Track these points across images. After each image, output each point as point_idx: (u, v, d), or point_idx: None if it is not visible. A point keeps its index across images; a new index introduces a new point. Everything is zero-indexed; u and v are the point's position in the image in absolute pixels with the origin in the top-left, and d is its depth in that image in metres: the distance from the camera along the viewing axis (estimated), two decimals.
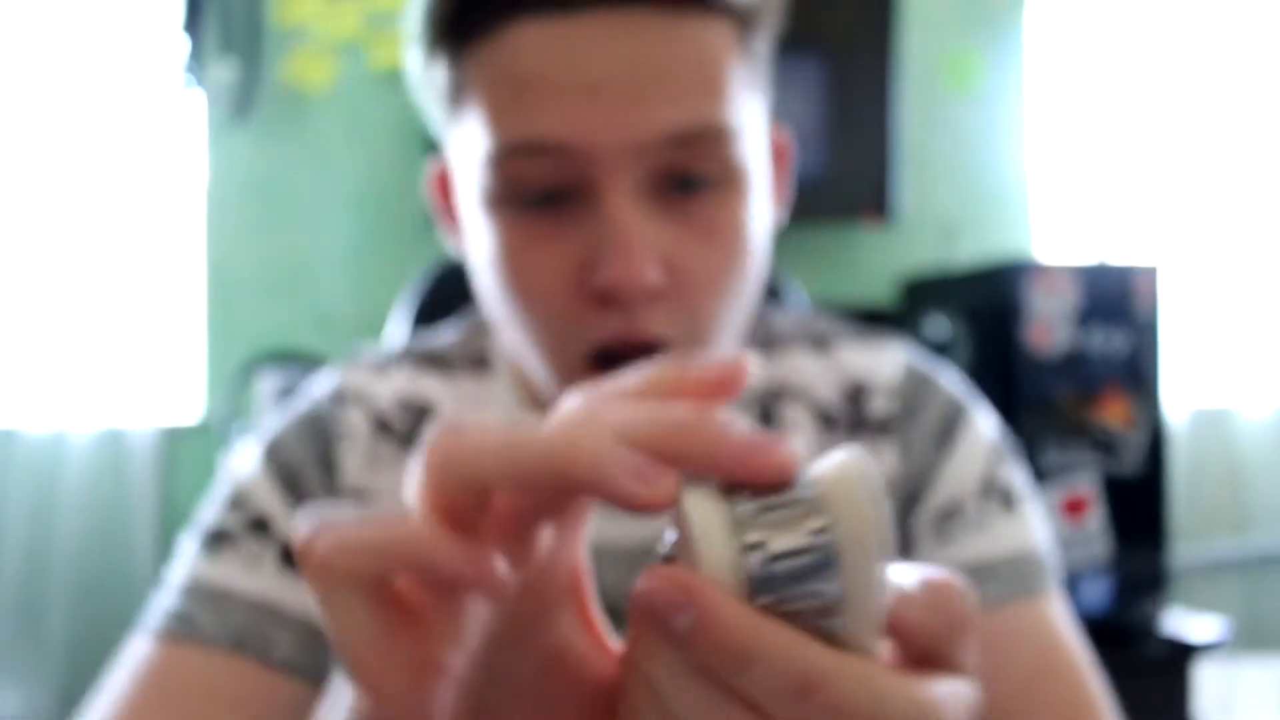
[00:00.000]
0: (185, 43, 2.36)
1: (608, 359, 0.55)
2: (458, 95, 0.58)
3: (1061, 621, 0.66)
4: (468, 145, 0.58)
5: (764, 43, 0.60)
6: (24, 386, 2.47)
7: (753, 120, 0.58)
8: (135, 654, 0.61)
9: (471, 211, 0.59)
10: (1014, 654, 0.64)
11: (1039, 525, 0.69)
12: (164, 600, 0.63)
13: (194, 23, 2.36)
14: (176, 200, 2.51)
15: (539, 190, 0.55)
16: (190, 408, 2.51)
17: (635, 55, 0.53)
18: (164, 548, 2.49)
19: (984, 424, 0.70)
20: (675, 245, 0.55)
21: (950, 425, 0.68)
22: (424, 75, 0.61)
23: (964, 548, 0.66)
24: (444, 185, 0.66)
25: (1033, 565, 0.67)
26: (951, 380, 0.71)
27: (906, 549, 0.67)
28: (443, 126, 0.62)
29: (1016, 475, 0.70)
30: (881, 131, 2.45)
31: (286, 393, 1.91)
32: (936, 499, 0.67)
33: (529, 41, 0.54)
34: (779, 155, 0.66)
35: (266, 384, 1.99)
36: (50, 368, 2.48)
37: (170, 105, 2.36)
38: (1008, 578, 0.65)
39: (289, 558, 0.63)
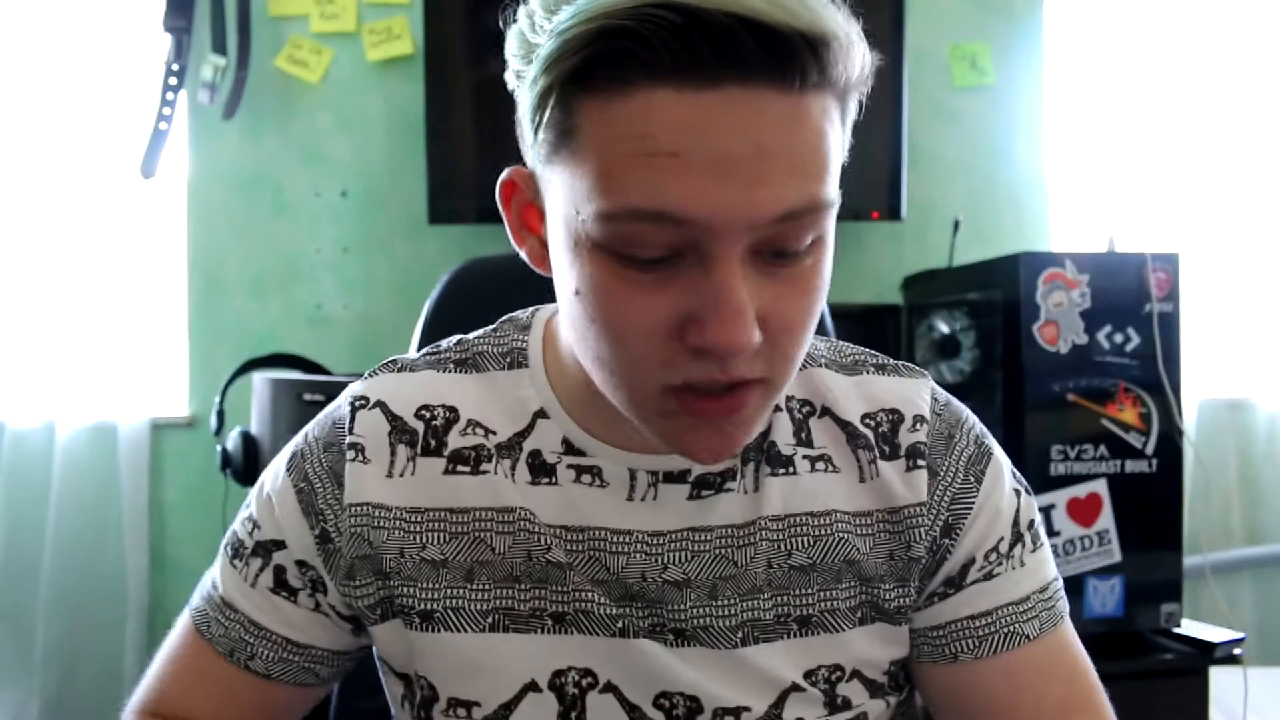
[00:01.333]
0: (176, 34, 2.33)
1: (690, 387, 0.61)
2: (567, 135, 0.59)
3: (1077, 644, 0.76)
4: (574, 186, 0.59)
5: (856, 106, 0.64)
6: (13, 379, 2.45)
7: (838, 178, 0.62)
8: (182, 627, 0.80)
9: (568, 244, 0.61)
10: (1049, 684, 0.74)
11: (1049, 550, 0.78)
12: (206, 583, 0.80)
13: (185, 14, 2.33)
14: (166, 193, 2.48)
15: (652, 250, 0.58)
16: (180, 401, 2.49)
17: (762, 136, 0.56)
18: (153, 541, 2.46)
19: (1004, 460, 0.78)
20: (769, 301, 0.59)
21: (981, 462, 0.75)
22: (519, 91, 0.63)
23: (1007, 586, 0.74)
24: (509, 193, 0.68)
25: (1055, 592, 0.76)
26: (970, 415, 0.78)
27: (954, 578, 0.74)
28: (532, 150, 0.64)
29: (1033, 506, 0.78)
30: (892, 128, 2.40)
31: (276, 388, 1.88)
32: (974, 535, 0.74)
33: (661, 110, 0.55)
34: None
35: (256, 379, 1.96)
36: (40, 361, 2.45)
37: (160, 98, 2.33)
38: (1041, 610, 0.75)
39: (281, 581, 0.76)
